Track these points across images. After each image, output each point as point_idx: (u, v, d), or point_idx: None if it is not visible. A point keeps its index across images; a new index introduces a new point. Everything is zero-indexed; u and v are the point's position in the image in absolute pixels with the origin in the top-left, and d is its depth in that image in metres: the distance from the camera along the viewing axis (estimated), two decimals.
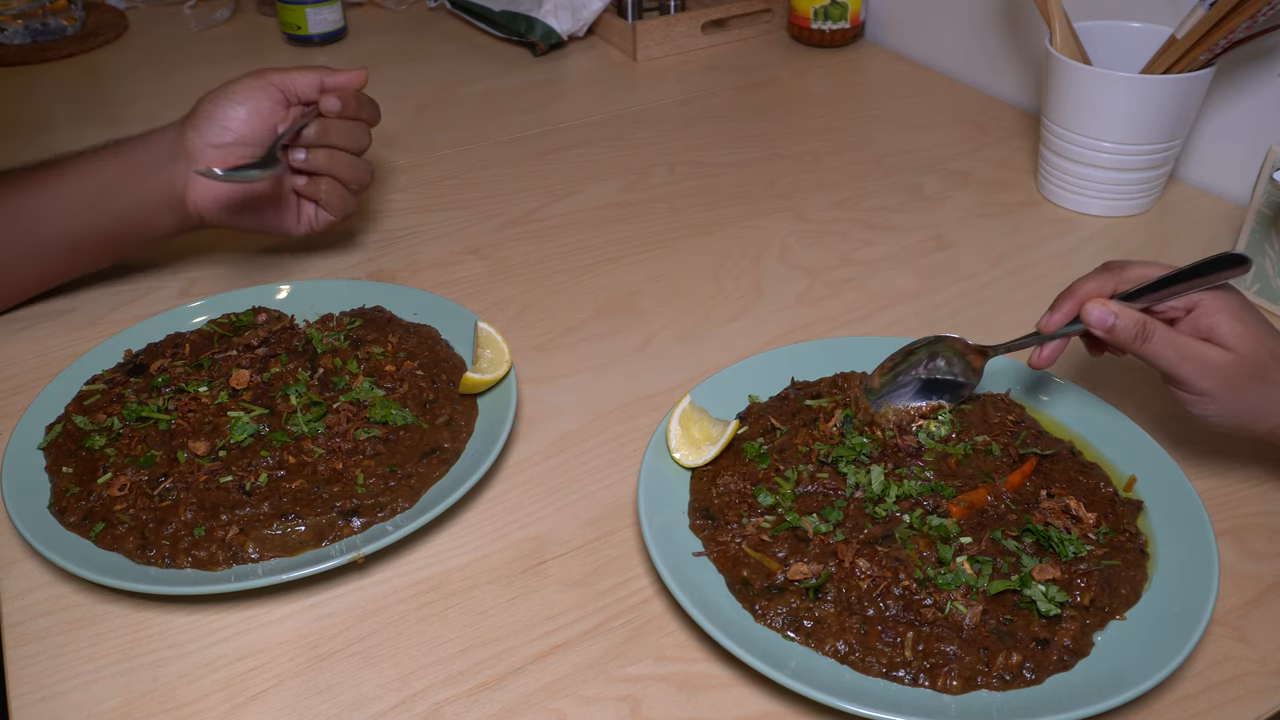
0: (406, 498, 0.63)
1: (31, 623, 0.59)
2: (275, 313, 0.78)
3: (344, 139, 0.82)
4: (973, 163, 1.06)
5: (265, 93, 0.79)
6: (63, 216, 0.78)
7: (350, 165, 0.83)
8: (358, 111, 0.82)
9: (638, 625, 0.58)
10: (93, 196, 0.78)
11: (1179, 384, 0.60)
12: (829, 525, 0.60)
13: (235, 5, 1.50)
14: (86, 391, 0.71)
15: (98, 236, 0.80)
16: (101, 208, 0.78)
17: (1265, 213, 0.80)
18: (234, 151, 0.79)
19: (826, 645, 0.54)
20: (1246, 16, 0.81)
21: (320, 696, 0.55)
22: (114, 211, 0.79)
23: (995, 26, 1.18)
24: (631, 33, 1.31)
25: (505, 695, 0.55)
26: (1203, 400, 0.59)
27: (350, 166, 0.83)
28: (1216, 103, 0.96)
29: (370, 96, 0.84)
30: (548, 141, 1.12)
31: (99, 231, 0.80)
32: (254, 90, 0.79)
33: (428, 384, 0.71)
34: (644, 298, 0.86)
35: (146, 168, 0.78)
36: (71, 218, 0.78)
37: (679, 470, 0.65)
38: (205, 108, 0.79)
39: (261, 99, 0.79)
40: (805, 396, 0.70)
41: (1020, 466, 0.64)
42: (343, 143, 0.82)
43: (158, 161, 0.78)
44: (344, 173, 0.83)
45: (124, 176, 0.78)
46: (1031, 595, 0.55)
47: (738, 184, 1.03)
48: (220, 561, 0.60)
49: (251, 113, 0.79)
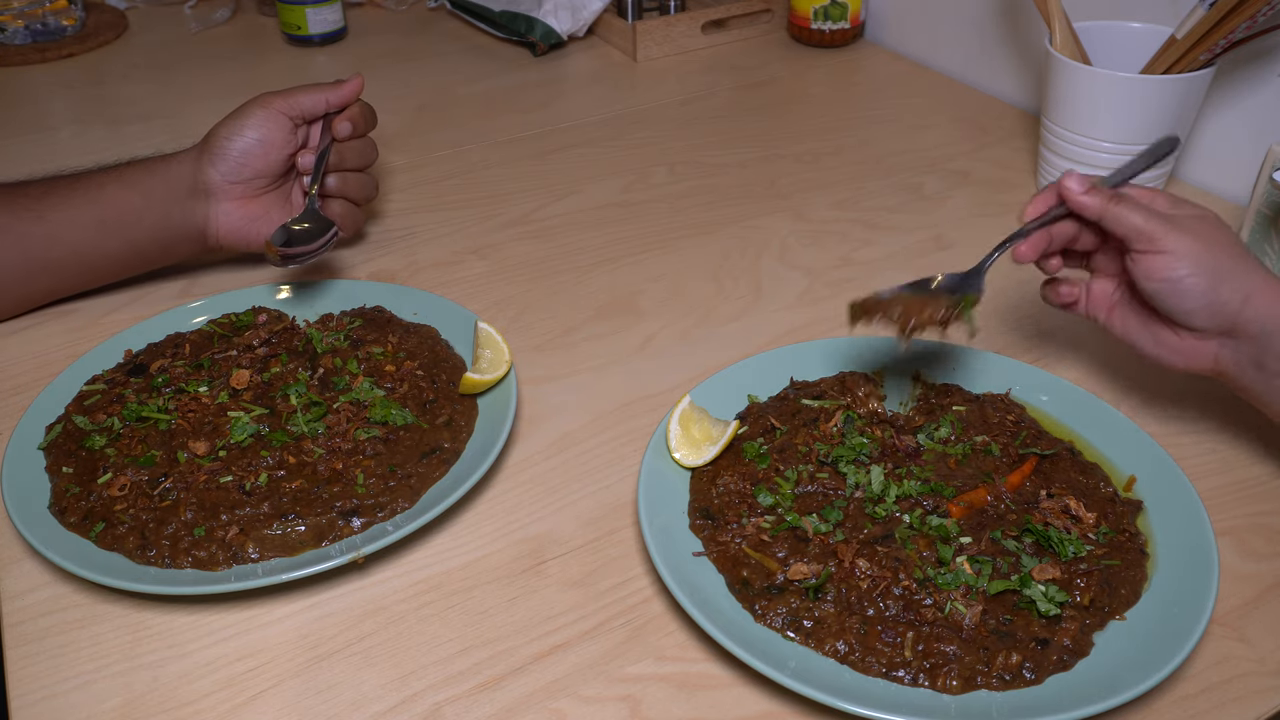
0: (406, 498, 0.63)
1: (31, 623, 0.59)
2: (275, 312, 0.78)
3: (355, 159, 0.85)
4: (973, 163, 1.06)
5: (276, 122, 0.80)
6: (74, 244, 0.79)
7: (360, 184, 0.86)
8: (365, 128, 0.84)
9: (638, 625, 0.58)
10: (106, 225, 0.79)
11: (1150, 240, 0.58)
12: (829, 525, 0.60)
13: (235, 5, 1.50)
14: (86, 391, 0.71)
15: (111, 260, 0.81)
16: (116, 236, 0.80)
17: (1265, 213, 0.80)
18: (253, 185, 0.81)
19: (826, 645, 0.54)
20: (1246, 16, 0.81)
21: (320, 696, 0.55)
22: (130, 240, 0.80)
23: (995, 26, 1.19)
24: (631, 33, 1.31)
25: (505, 695, 0.55)
26: (1174, 259, 0.58)
27: (360, 185, 0.86)
28: (1216, 103, 0.96)
29: (366, 103, 0.85)
30: (548, 141, 1.12)
31: (112, 255, 0.81)
32: (265, 121, 0.79)
33: (428, 384, 0.72)
34: (644, 298, 0.86)
35: (165, 203, 0.79)
36: (84, 245, 0.79)
37: (679, 470, 0.65)
38: (220, 144, 0.79)
39: (273, 129, 0.80)
40: (805, 396, 0.70)
41: (1020, 466, 0.64)
42: (354, 164, 0.85)
43: (176, 197, 0.79)
44: (354, 192, 0.86)
45: (142, 210, 0.79)
46: (1031, 595, 0.55)
47: (738, 184, 1.03)
48: (220, 561, 0.60)
49: (266, 146, 0.80)
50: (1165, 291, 0.59)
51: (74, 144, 1.12)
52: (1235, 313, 0.59)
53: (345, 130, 0.82)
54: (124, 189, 0.78)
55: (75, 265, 0.80)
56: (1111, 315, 0.66)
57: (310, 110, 0.82)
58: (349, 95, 0.83)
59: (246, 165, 0.79)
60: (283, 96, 0.81)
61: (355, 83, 0.84)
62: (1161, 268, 0.59)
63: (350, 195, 0.85)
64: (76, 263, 0.80)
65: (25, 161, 1.07)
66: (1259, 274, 0.59)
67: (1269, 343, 0.58)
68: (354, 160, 0.84)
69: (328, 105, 0.82)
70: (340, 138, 0.83)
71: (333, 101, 0.82)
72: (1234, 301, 0.58)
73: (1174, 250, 0.58)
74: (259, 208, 0.82)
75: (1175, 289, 0.59)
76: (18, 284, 0.80)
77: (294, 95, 0.81)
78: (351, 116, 0.83)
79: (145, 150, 0.85)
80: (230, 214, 0.81)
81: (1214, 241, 0.59)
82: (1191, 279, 0.58)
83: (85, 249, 0.79)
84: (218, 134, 0.80)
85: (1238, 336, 0.60)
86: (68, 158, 1.07)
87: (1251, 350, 0.59)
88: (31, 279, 0.80)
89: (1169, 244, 0.58)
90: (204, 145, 0.80)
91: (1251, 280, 0.59)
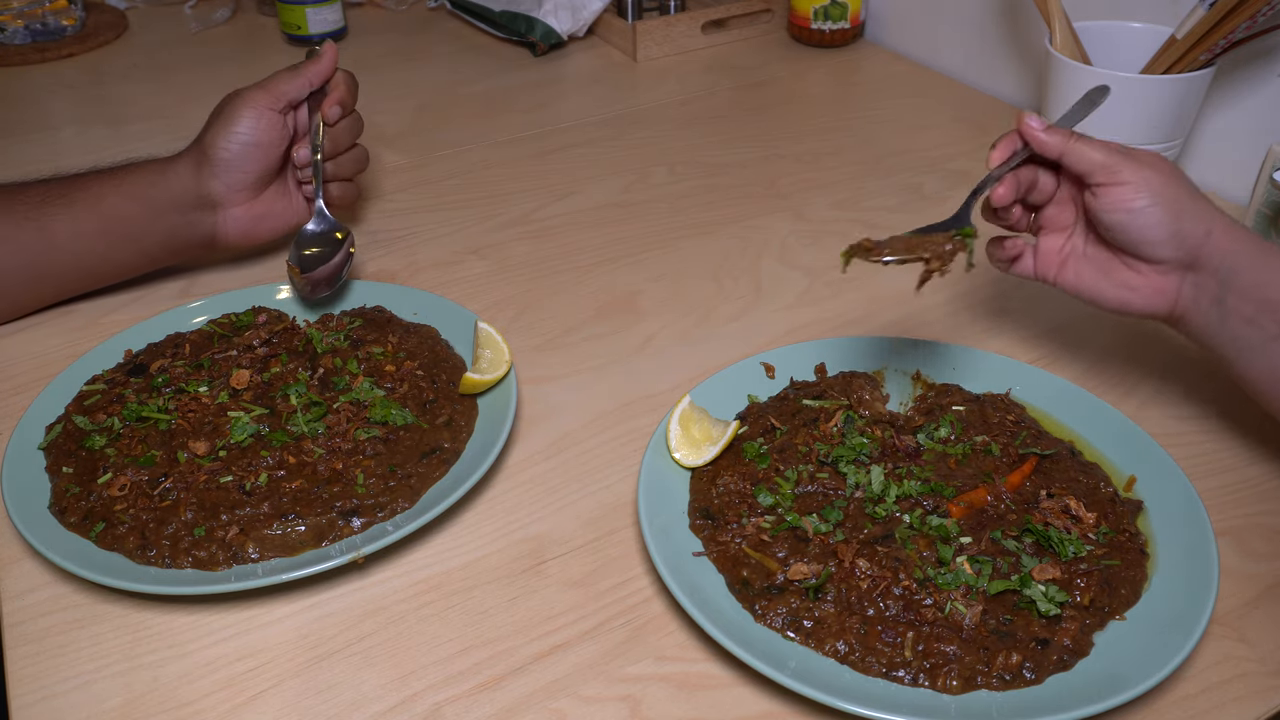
0: (406, 498, 0.63)
1: (31, 623, 0.59)
2: (275, 312, 0.78)
3: (347, 138, 0.84)
4: (973, 163, 1.06)
5: (266, 119, 0.79)
6: (79, 253, 0.79)
7: (352, 160, 0.86)
8: (353, 103, 0.84)
9: (638, 625, 0.58)
10: (111, 236, 0.79)
11: (1110, 173, 0.60)
12: (829, 525, 0.60)
13: (235, 5, 1.50)
14: (86, 391, 0.71)
15: (116, 267, 0.82)
16: (122, 247, 0.80)
17: (1265, 213, 0.80)
18: (256, 187, 0.81)
19: (826, 645, 0.54)
20: (1246, 16, 0.81)
21: (320, 696, 0.55)
22: (137, 249, 0.81)
23: (995, 26, 1.19)
24: (631, 33, 1.31)
25: (505, 695, 0.55)
26: (1135, 189, 0.59)
27: (352, 161, 0.86)
28: (1216, 103, 0.96)
29: (347, 72, 0.85)
30: (548, 141, 1.12)
31: (117, 263, 0.81)
32: (256, 122, 0.78)
33: (428, 384, 0.71)
34: (644, 298, 0.86)
35: (170, 215, 0.79)
36: (89, 255, 0.79)
37: (679, 470, 0.65)
38: (218, 154, 0.78)
39: (264, 127, 0.79)
40: (805, 396, 0.70)
41: (1020, 466, 0.64)
42: (346, 142, 0.84)
43: (181, 209, 0.79)
44: (349, 170, 0.85)
45: (147, 223, 0.79)
46: (1031, 595, 0.55)
47: (738, 184, 1.03)
48: (220, 561, 0.60)
49: (263, 146, 0.79)
50: (1128, 223, 0.60)
51: (74, 144, 1.12)
52: (1199, 244, 0.59)
53: (335, 114, 0.82)
54: (125, 200, 0.78)
55: (78, 272, 0.81)
56: (1063, 270, 0.66)
57: (295, 96, 0.81)
58: (327, 69, 0.82)
59: (247, 170, 0.79)
60: (265, 91, 0.79)
61: (330, 54, 0.82)
62: (1124, 198, 0.59)
63: (345, 174, 0.85)
64: (80, 270, 0.81)
65: (25, 161, 1.07)
66: (1217, 211, 0.60)
67: (1230, 278, 0.59)
68: (346, 139, 0.84)
69: (310, 86, 0.81)
70: (332, 123, 0.82)
71: (314, 80, 0.82)
72: (1197, 233, 0.59)
73: (1134, 181, 0.59)
74: (263, 205, 0.83)
75: (1138, 219, 0.60)
76: (21, 291, 0.80)
77: (276, 86, 0.80)
78: (341, 100, 0.82)
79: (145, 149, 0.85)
80: (238, 219, 0.82)
81: (1172, 176, 0.60)
82: (1153, 208, 0.59)
83: (90, 259, 0.80)
84: (213, 144, 0.78)
85: (1199, 270, 0.60)
86: (68, 158, 1.07)
87: (1213, 286, 0.60)
88: (35, 285, 0.80)
89: (1129, 175, 0.59)
90: (200, 155, 0.79)
91: (1211, 215, 0.60)
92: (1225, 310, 0.59)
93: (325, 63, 0.82)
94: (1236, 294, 0.59)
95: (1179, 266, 0.61)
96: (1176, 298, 0.62)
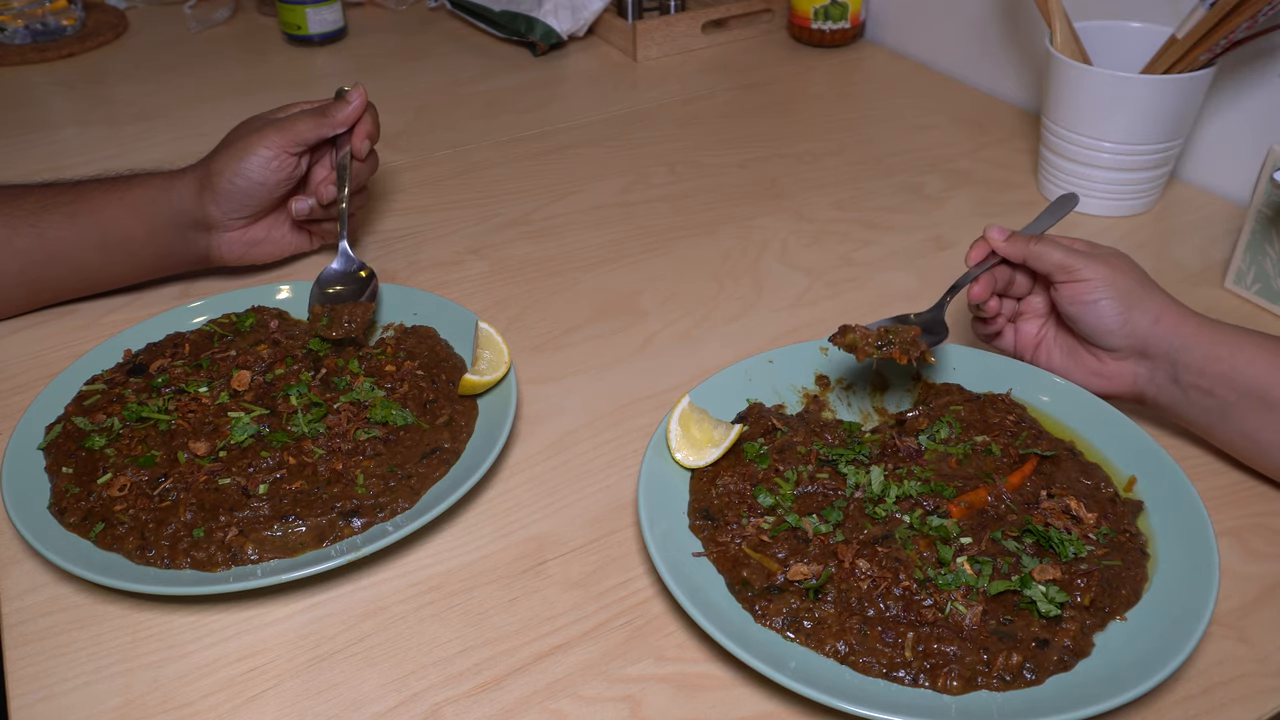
0: (406, 498, 0.63)
1: (31, 623, 0.59)
2: (276, 311, 0.78)
3: (365, 175, 0.86)
4: (973, 163, 1.06)
5: (279, 161, 0.79)
6: (77, 262, 0.79)
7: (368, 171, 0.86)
8: (378, 136, 0.85)
9: (638, 625, 0.58)
10: (110, 247, 0.79)
11: (1068, 272, 0.66)
12: (829, 526, 0.60)
13: (235, 5, 1.50)
14: (86, 392, 0.71)
15: (113, 276, 0.83)
16: (120, 260, 0.81)
17: (1265, 213, 0.80)
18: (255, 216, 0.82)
19: (827, 646, 0.54)
20: (1247, 16, 0.81)
21: (320, 697, 0.55)
22: (134, 263, 0.82)
23: (995, 26, 1.18)
24: (631, 33, 1.31)
25: (505, 695, 0.55)
26: (1091, 285, 0.65)
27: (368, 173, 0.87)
28: (1217, 103, 0.96)
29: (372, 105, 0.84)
30: (548, 141, 1.12)
31: (114, 274, 0.82)
32: (268, 163, 0.78)
33: (428, 384, 0.71)
34: (644, 298, 0.86)
35: (168, 231, 0.80)
36: (87, 265, 0.80)
37: (679, 470, 0.65)
38: (223, 186, 0.79)
39: (275, 169, 0.79)
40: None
41: (1020, 467, 0.64)
42: (363, 180, 0.86)
43: (179, 227, 0.80)
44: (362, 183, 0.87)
45: (145, 237, 0.80)
46: (1032, 595, 0.55)
47: (738, 184, 1.03)
48: (220, 562, 0.60)
49: (269, 188, 0.80)
50: (1084, 314, 0.66)
51: (74, 144, 1.12)
52: (1146, 332, 0.65)
53: (365, 149, 0.83)
54: (126, 211, 0.79)
55: (74, 280, 0.81)
56: (1038, 352, 0.72)
57: (307, 134, 0.79)
58: (353, 117, 0.82)
59: (248, 205, 0.80)
60: (283, 133, 0.78)
61: (358, 100, 0.82)
62: (1081, 293, 0.66)
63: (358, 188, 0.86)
64: (76, 278, 0.81)
65: (25, 161, 1.07)
66: (1166, 298, 0.66)
67: (1179, 357, 0.64)
68: (365, 175, 0.85)
69: (332, 132, 0.81)
70: (363, 157, 0.83)
71: (338, 128, 0.81)
72: (1144, 322, 0.65)
73: (1091, 278, 0.65)
74: (260, 230, 0.84)
75: (1092, 310, 0.65)
76: (16, 295, 0.81)
77: (296, 129, 0.79)
78: (370, 134, 0.82)
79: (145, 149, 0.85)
80: (233, 242, 0.83)
81: (1125, 270, 0.66)
82: (1106, 301, 0.65)
83: (87, 268, 0.80)
84: (220, 173, 0.78)
85: (1150, 356, 0.66)
86: (68, 158, 1.07)
87: (1166, 366, 0.65)
88: (30, 290, 0.81)
89: (1086, 273, 0.65)
90: (205, 179, 0.79)
91: (1159, 303, 0.65)
92: (1184, 386, 0.65)
93: (351, 111, 0.81)
94: (1191, 371, 0.64)
95: (1132, 353, 0.66)
96: (1135, 380, 0.67)
